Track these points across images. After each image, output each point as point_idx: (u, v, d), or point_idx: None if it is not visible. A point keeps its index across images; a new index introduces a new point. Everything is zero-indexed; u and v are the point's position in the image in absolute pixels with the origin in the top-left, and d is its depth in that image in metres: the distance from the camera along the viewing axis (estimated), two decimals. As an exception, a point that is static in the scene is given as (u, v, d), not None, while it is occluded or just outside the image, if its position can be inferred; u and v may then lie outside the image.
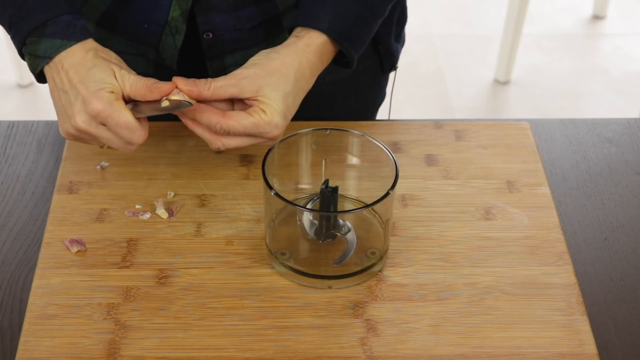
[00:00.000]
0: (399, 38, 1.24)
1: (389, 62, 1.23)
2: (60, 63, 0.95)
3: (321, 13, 0.98)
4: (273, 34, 1.04)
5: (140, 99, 0.95)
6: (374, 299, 0.93)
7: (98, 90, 0.92)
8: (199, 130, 0.95)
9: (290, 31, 1.01)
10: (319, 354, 0.88)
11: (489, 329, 0.91)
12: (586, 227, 1.05)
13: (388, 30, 1.19)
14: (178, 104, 0.93)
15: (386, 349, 0.89)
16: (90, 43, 0.96)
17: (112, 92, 0.93)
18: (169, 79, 1.12)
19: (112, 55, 0.97)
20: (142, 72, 1.11)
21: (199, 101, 0.94)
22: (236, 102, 0.96)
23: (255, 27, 1.09)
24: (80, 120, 0.93)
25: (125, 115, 0.92)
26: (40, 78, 0.99)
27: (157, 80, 0.95)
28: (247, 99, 0.94)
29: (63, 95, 0.95)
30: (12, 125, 1.16)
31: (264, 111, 0.94)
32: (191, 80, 0.94)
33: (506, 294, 0.94)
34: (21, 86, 2.65)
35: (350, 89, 1.22)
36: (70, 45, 0.95)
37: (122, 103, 0.93)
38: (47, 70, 0.96)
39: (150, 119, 1.02)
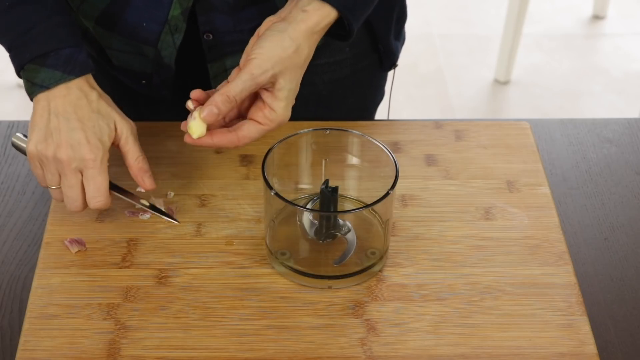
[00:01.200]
0: (399, 36, 1.24)
1: (389, 60, 1.23)
2: (59, 92, 0.95)
3: None
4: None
5: (127, 165, 0.97)
6: (374, 299, 0.93)
7: (96, 140, 0.93)
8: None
9: None
10: (319, 354, 0.88)
11: (489, 329, 0.91)
12: (586, 227, 1.05)
13: (387, 28, 1.19)
14: (161, 212, 0.99)
15: (386, 349, 0.89)
16: (92, 80, 0.97)
17: (106, 151, 0.94)
18: (167, 78, 1.12)
19: (112, 102, 0.98)
20: (141, 70, 1.12)
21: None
22: None
23: (255, 28, 1.09)
24: (66, 154, 0.93)
25: (103, 178, 0.94)
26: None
27: (148, 169, 0.97)
28: (264, 88, 0.94)
29: (55, 120, 0.94)
30: (12, 125, 1.16)
31: (273, 110, 0.93)
32: (213, 107, 0.92)
33: (506, 294, 0.94)
34: (21, 86, 2.64)
35: (349, 87, 1.22)
36: (70, 80, 0.95)
37: (106, 167, 0.94)
38: (43, 94, 0.95)
39: (151, 118, 1.03)
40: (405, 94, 2.71)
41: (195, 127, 0.92)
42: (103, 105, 0.96)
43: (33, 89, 0.96)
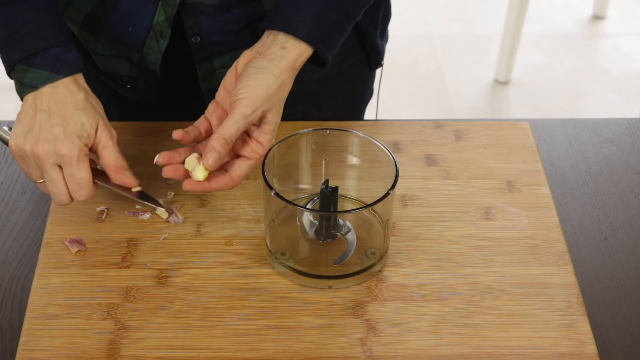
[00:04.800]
0: (384, 35, 1.25)
1: (375, 59, 1.24)
2: (46, 90, 0.95)
3: (300, 20, 0.98)
4: (260, 35, 1.05)
5: (104, 165, 0.96)
6: (374, 299, 0.93)
7: (74, 136, 0.92)
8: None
9: (262, 30, 1.00)
10: (319, 354, 0.88)
11: (489, 329, 0.91)
12: (586, 227, 1.05)
13: (374, 28, 1.19)
14: (143, 197, 0.96)
15: (386, 349, 0.89)
16: (81, 81, 0.97)
17: (86, 145, 0.93)
18: (153, 83, 1.12)
19: (100, 106, 0.97)
20: (125, 75, 1.12)
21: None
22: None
23: (242, 29, 1.09)
24: (42, 150, 0.92)
25: (84, 172, 0.93)
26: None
27: (126, 166, 0.96)
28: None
29: (38, 116, 0.94)
30: (12, 125, 1.16)
31: (261, 144, 0.95)
32: (214, 153, 0.92)
33: (506, 294, 0.94)
34: (21, 86, 2.65)
35: (338, 85, 1.23)
36: (58, 79, 0.95)
37: (87, 159, 0.93)
38: (31, 94, 0.96)
39: (152, 118, 1.02)
40: (405, 94, 2.71)
41: (199, 171, 0.93)
42: (88, 106, 0.95)
43: (22, 89, 0.96)
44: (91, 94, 0.97)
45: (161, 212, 1.02)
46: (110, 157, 0.95)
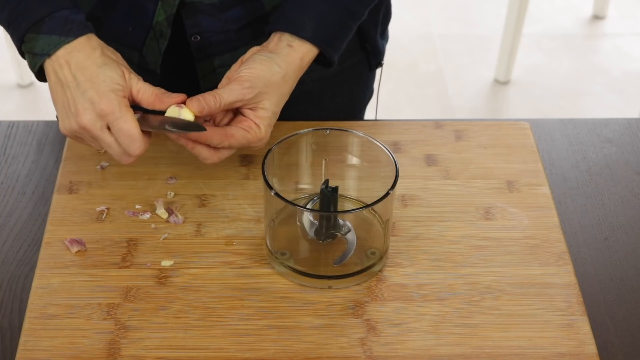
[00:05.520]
0: (384, 35, 1.25)
1: (376, 59, 1.24)
2: (63, 58, 0.93)
3: (305, 21, 0.99)
4: (261, 34, 1.05)
5: (147, 107, 0.94)
6: (374, 299, 0.93)
7: (108, 91, 0.91)
8: (197, 150, 0.95)
9: (269, 32, 1.01)
10: (319, 354, 0.88)
11: (489, 329, 0.91)
12: (586, 227, 1.05)
13: (374, 27, 1.20)
14: (190, 126, 0.93)
15: (386, 349, 0.89)
16: (94, 39, 0.95)
17: (124, 96, 0.92)
18: (153, 83, 1.12)
19: (118, 56, 0.97)
20: None
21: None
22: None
23: (242, 28, 1.09)
24: (86, 119, 0.92)
25: (129, 123, 0.91)
26: (40, 76, 0.97)
27: (165, 91, 0.95)
28: (247, 107, 0.96)
29: (67, 91, 0.93)
30: (12, 125, 1.16)
31: (258, 127, 0.96)
32: (200, 99, 0.93)
33: (506, 294, 0.94)
34: (21, 86, 2.65)
35: (338, 85, 1.23)
36: (69, 42, 0.94)
37: (130, 110, 0.92)
38: (48, 64, 0.95)
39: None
40: (405, 94, 2.71)
41: (186, 113, 0.93)
42: (108, 59, 0.94)
43: (35, 60, 0.95)
44: (106, 46, 0.96)
45: (161, 212, 1.02)
46: (148, 95, 0.94)
